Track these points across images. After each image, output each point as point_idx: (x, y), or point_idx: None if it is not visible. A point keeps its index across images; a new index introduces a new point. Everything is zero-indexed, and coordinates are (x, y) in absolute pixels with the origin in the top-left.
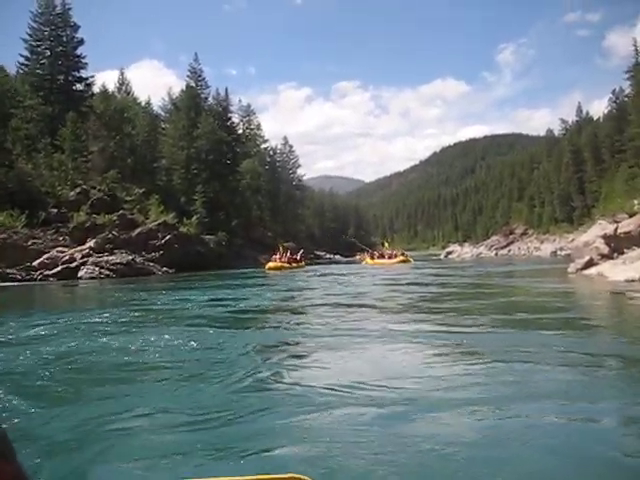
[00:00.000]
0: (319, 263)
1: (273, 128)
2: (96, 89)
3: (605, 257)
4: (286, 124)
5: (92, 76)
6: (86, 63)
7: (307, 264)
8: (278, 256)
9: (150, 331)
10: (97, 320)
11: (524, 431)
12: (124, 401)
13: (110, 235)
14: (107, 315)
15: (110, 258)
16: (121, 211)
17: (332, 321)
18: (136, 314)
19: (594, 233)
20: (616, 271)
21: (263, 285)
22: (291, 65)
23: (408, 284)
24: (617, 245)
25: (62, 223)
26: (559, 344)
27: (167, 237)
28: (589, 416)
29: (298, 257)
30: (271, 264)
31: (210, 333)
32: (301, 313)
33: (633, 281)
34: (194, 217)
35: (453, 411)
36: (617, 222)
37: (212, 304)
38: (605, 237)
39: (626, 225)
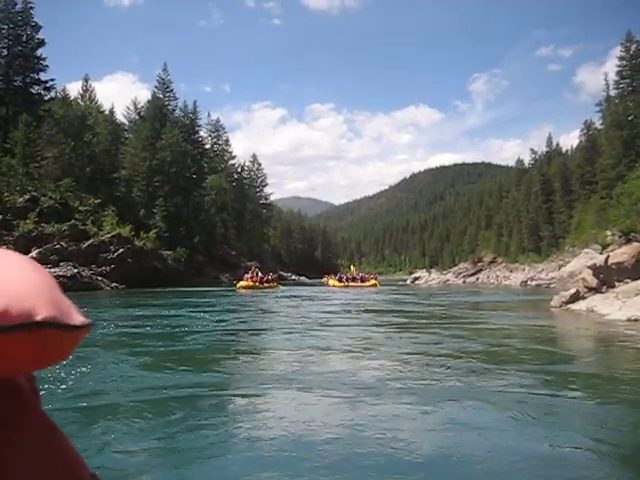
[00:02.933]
0: (285, 284)
1: (245, 147)
2: (59, 96)
3: (593, 290)
4: (259, 144)
5: (52, 79)
6: (46, 65)
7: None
8: (250, 275)
9: None
10: None
11: None
12: None
13: (58, 246)
14: None
15: (52, 270)
16: (72, 221)
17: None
18: None
19: (580, 263)
20: (612, 308)
21: (219, 306)
22: (267, 85)
23: (374, 312)
24: (607, 277)
25: (7, 231)
26: (563, 423)
27: (120, 251)
28: None
29: (270, 278)
30: (242, 283)
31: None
32: (253, 345)
33: (637, 321)
34: (152, 231)
35: None
36: (605, 252)
37: (148, 325)
38: (593, 268)
39: (618, 255)
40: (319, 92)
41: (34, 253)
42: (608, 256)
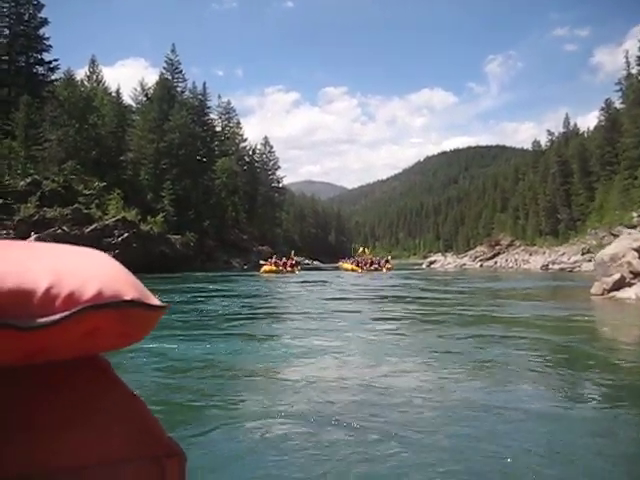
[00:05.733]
0: (302, 269)
1: (259, 132)
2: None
3: (639, 276)
4: (272, 128)
5: (56, 60)
6: (49, 45)
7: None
8: (273, 260)
9: None
10: None
11: None
12: None
13: (59, 230)
14: None
15: None
16: (76, 205)
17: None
18: None
19: (623, 245)
20: None
21: (246, 290)
22: (280, 68)
23: (395, 299)
24: None
25: (7, 215)
26: None
27: (125, 235)
28: None
29: (294, 262)
30: (266, 267)
31: None
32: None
33: None
34: (159, 215)
35: None
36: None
37: None
38: None
39: None
40: (332, 75)
41: (32, 239)
42: None
